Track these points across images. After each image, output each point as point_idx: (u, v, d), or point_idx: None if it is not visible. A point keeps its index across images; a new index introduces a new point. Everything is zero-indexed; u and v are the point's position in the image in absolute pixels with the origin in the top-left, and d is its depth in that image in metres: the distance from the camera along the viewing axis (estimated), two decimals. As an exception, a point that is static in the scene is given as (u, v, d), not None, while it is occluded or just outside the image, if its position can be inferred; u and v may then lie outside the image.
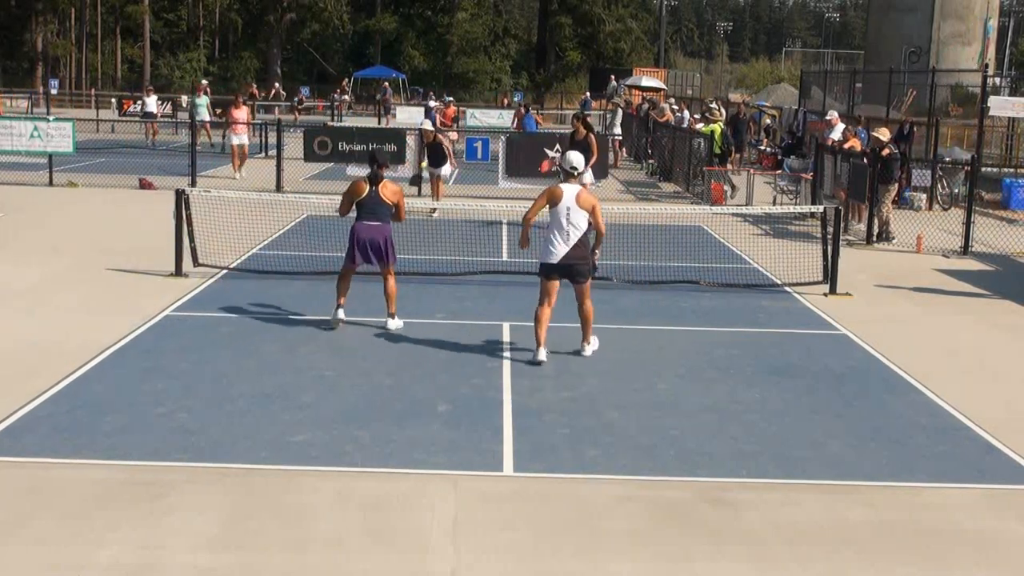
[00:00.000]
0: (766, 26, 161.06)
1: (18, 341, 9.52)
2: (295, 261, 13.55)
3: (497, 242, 15.61)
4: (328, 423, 7.55)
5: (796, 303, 12.15)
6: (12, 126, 21.75)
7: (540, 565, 5.54)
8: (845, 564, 5.65)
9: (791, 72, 75.43)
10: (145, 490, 6.31)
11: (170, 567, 5.39)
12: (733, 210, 17.73)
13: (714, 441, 7.44)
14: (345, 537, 5.79)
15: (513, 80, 73.38)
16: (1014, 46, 60.98)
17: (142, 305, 10.95)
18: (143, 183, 21.33)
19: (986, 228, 17.21)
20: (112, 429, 7.31)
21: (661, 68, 65.79)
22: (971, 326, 11.36)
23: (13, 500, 6.13)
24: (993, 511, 6.41)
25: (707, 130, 23.73)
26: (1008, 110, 23.93)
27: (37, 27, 64.76)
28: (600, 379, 8.85)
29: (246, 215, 14.95)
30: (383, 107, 48.43)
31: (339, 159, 22.25)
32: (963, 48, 38.51)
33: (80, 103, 56.15)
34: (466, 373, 8.87)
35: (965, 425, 7.98)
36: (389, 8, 72.64)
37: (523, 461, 6.96)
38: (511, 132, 27.43)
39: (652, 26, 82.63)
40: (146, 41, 67.50)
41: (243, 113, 25.26)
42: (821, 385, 8.91)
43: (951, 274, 14.41)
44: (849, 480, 6.80)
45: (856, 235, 17.16)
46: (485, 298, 11.73)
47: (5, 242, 14.61)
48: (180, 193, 12.68)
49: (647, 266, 13.82)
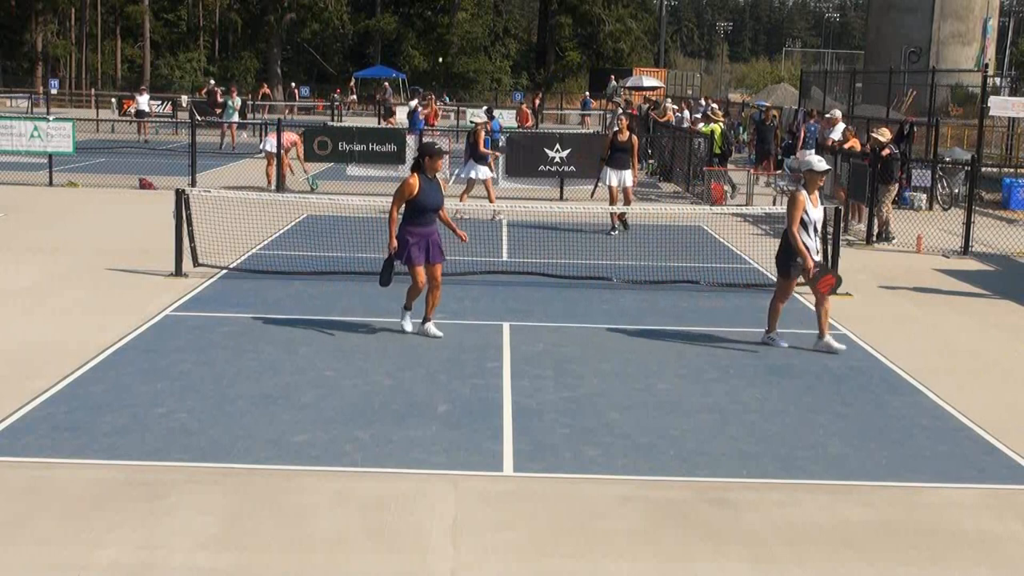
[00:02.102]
0: (766, 26, 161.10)
1: (18, 341, 9.51)
2: (295, 261, 13.55)
3: (497, 242, 15.61)
4: (328, 423, 7.55)
5: (796, 303, 12.14)
6: (12, 126, 21.76)
7: (540, 565, 5.54)
8: (845, 564, 5.64)
9: (791, 72, 75.38)
10: (145, 490, 6.31)
11: (170, 567, 5.39)
12: (733, 210, 17.73)
13: (714, 441, 7.44)
14: (345, 537, 5.78)
15: (513, 80, 73.40)
16: (1014, 46, 60.96)
17: (142, 305, 10.95)
18: (143, 183, 21.34)
19: (986, 228, 17.21)
20: (112, 429, 7.31)
21: (661, 68, 65.87)
22: (971, 326, 11.36)
23: (13, 500, 6.12)
24: (993, 511, 6.41)
25: (707, 130, 23.76)
26: (1008, 110, 23.95)
27: (37, 27, 64.76)
28: (600, 379, 8.85)
29: (246, 215, 14.95)
30: (383, 107, 48.47)
31: (339, 159, 22.27)
32: (963, 48, 38.51)
33: (80, 103, 56.20)
34: (466, 373, 8.87)
35: (965, 425, 7.98)
36: (389, 8, 72.66)
37: (523, 461, 6.96)
38: (512, 132, 27.34)
39: (652, 26, 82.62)
40: (146, 41, 67.51)
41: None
42: (821, 385, 8.91)
43: (951, 274, 14.41)
44: (849, 480, 6.80)
45: (856, 235, 17.16)
46: (485, 298, 11.72)
47: (5, 242, 14.60)
48: (180, 193, 12.68)
49: (647, 266, 13.83)
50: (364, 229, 14.61)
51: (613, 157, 16.71)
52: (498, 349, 9.70)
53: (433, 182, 9.85)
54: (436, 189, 9.88)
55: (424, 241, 9.74)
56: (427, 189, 9.72)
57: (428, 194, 9.74)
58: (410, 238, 9.72)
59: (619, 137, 16.78)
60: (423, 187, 9.69)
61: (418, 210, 9.73)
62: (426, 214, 9.76)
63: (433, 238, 9.81)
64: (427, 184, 9.74)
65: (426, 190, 9.71)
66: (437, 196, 9.89)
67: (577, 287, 12.45)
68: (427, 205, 9.74)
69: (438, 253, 9.87)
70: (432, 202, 9.79)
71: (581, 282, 12.66)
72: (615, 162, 16.69)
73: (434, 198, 9.82)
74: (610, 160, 16.73)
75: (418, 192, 9.66)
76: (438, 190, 9.93)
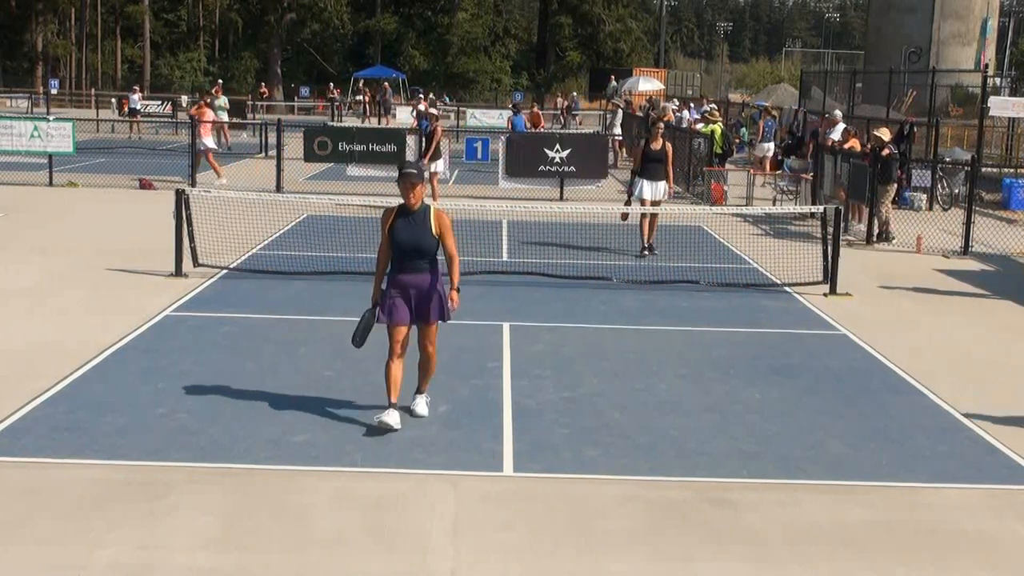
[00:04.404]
0: (766, 26, 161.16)
1: (18, 341, 9.51)
2: (295, 261, 13.54)
3: (497, 242, 15.61)
4: (328, 423, 7.55)
5: (796, 303, 12.15)
6: (12, 126, 21.77)
7: (540, 565, 5.54)
8: (845, 564, 5.64)
9: (791, 72, 75.43)
10: (145, 490, 6.31)
11: (170, 567, 5.39)
12: (733, 210, 17.73)
13: (714, 441, 7.44)
14: (345, 537, 5.78)
15: (513, 80, 73.41)
16: (1014, 46, 60.96)
17: (142, 305, 10.95)
18: (143, 183, 21.34)
19: (986, 228, 17.20)
20: (112, 429, 7.31)
21: (661, 68, 65.87)
22: (971, 326, 11.36)
23: (12, 500, 6.12)
24: (993, 511, 6.41)
25: (707, 130, 23.77)
26: (1008, 110, 23.95)
27: (37, 27, 64.80)
28: (600, 379, 8.84)
29: (246, 215, 14.95)
30: (383, 107, 48.52)
31: (339, 159, 22.27)
32: (963, 48, 38.51)
33: (80, 103, 56.22)
34: (466, 373, 8.87)
35: (965, 425, 7.98)
36: (389, 8, 72.69)
37: (523, 461, 6.95)
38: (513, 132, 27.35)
39: (652, 26, 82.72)
40: (146, 41, 67.56)
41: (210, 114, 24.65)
42: (821, 385, 8.91)
43: (951, 274, 14.41)
44: (849, 480, 6.80)
45: (856, 235, 17.16)
46: (485, 298, 11.72)
47: (5, 242, 14.60)
48: (180, 193, 12.69)
49: (647, 266, 13.83)
50: (364, 229, 14.60)
51: (646, 168, 15.04)
52: (498, 349, 9.70)
53: (418, 215, 7.32)
54: (420, 226, 7.31)
55: (407, 294, 7.38)
56: (403, 225, 7.31)
57: (404, 231, 7.30)
58: (391, 289, 7.41)
59: (652, 146, 15.10)
60: (398, 223, 7.34)
61: (395, 251, 7.37)
62: (407, 259, 7.34)
63: (425, 291, 7.37)
64: (406, 218, 7.33)
65: (401, 227, 7.31)
66: (420, 236, 7.30)
67: (577, 287, 12.45)
68: (404, 245, 7.30)
69: (428, 311, 7.40)
70: (410, 241, 7.29)
71: (581, 282, 12.66)
72: (648, 172, 15.02)
73: (413, 237, 7.29)
74: (643, 171, 15.08)
75: (391, 228, 7.35)
76: (424, 228, 7.31)
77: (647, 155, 15.04)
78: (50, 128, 21.78)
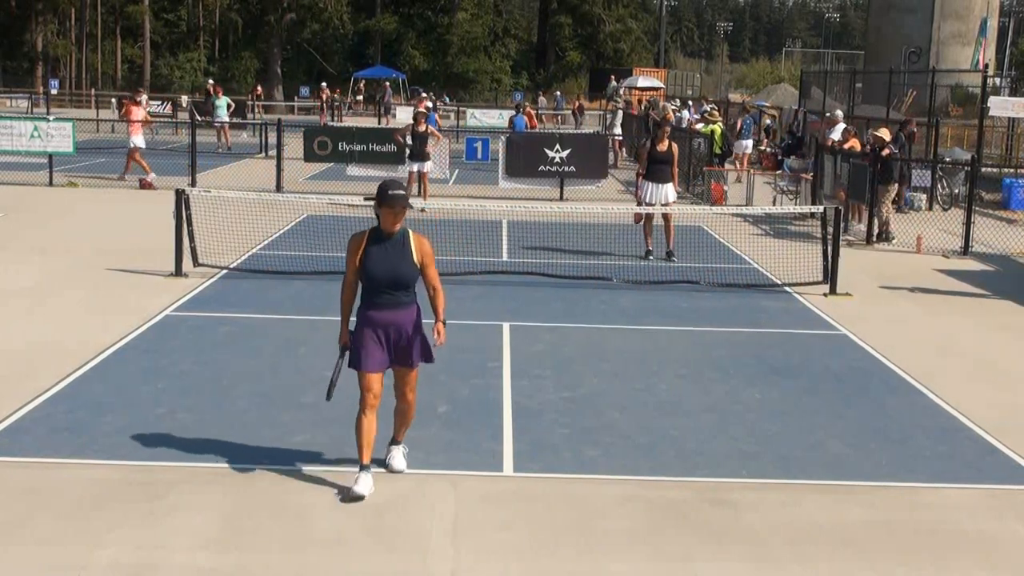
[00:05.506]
0: (766, 26, 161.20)
1: (18, 341, 9.51)
2: (295, 261, 13.54)
3: (497, 242, 15.61)
4: (328, 423, 7.54)
5: (796, 303, 12.15)
6: (12, 126, 21.76)
7: (540, 565, 5.54)
8: (845, 564, 5.64)
9: (791, 72, 75.47)
10: (145, 490, 6.30)
11: (170, 567, 5.39)
12: (733, 210, 17.73)
13: (714, 441, 7.44)
14: (345, 537, 5.78)
15: (513, 80, 73.43)
16: (1014, 46, 60.96)
17: (142, 305, 10.95)
18: (143, 183, 21.34)
19: (986, 228, 17.20)
20: (112, 429, 7.30)
21: (661, 68, 65.93)
22: (971, 326, 11.36)
23: (12, 500, 6.12)
24: (993, 511, 6.41)
25: (707, 130, 23.78)
26: (1008, 110, 23.95)
27: (37, 27, 64.80)
28: (600, 379, 8.84)
29: (246, 215, 14.95)
30: (383, 107, 48.52)
31: (339, 159, 22.27)
32: (963, 48, 38.51)
33: (80, 103, 56.22)
34: (466, 373, 8.87)
35: (965, 425, 7.98)
36: (389, 8, 72.70)
37: (523, 461, 6.95)
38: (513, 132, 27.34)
39: (652, 26, 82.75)
40: (146, 41, 67.56)
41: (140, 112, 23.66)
42: (821, 385, 8.91)
43: (951, 274, 14.41)
44: (849, 480, 6.80)
45: (856, 235, 17.16)
46: (485, 298, 11.72)
47: (5, 242, 14.60)
48: (180, 193, 12.68)
49: (647, 266, 13.83)
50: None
51: (651, 170, 14.71)
52: (498, 349, 9.70)
53: (395, 240, 6.22)
54: (397, 253, 6.22)
55: (383, 334, 6.29)
56: (378, 253, 6.20)
57: (379, 261, 6.19)
58: (364, 328, 6.29)
59: (658, 147, 14.71)
60: (371, 251, 6.21)
61: (368, 284, 6.24)
62: (383, 292, 6.22)
63: (405, 329, 6.29)
64: (381, 244, 6.22)
65: (376, 255, 6.20)
66: (398, 265, 6.20)
67: (577, 287, 12.44)
68: (379, 277, 6.19)
69: (410, 353, 6.37)
70: (387, 272, 6.18)
71: (581, 282, 12.66)
72: (654, 175, 14.72)
73: (391, 267, 6.19)
74: (649, 173, 14.77)
75: (362, 255, 6.22)
76: (403, 255, 6.21)
77: (653, 157, 14.74)
78: (50, 128, 21.77)
